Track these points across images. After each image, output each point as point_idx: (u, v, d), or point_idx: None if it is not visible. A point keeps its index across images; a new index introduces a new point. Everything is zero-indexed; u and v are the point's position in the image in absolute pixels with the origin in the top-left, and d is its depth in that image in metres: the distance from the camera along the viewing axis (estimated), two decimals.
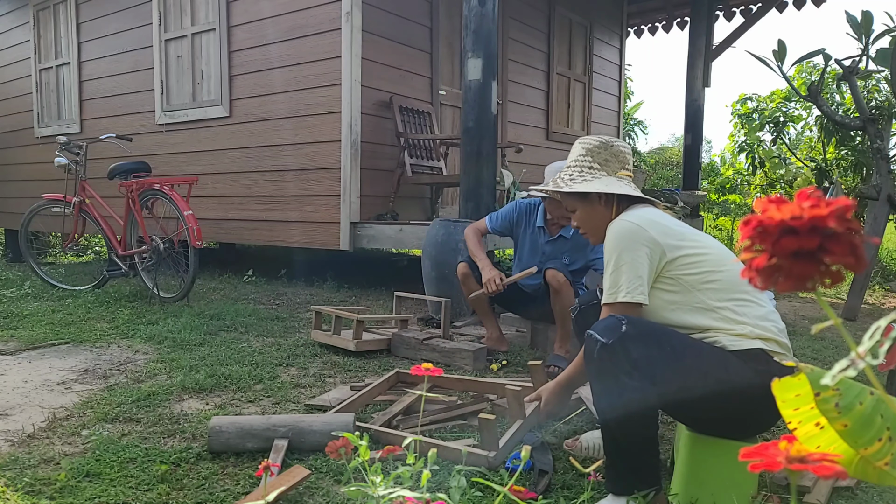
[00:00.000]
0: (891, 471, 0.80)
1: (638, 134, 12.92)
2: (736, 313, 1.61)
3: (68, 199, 4.86)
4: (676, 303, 1.66)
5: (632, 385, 1.50)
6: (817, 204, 0.51)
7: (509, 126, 6.72)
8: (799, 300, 5.30)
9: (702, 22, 7.53)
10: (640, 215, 1.72)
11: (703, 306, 1.63)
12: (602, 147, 1.85)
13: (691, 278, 1.65)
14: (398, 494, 1.09)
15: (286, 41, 5.14)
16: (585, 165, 1.84)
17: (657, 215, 1.74)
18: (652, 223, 1.69)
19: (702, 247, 1.69)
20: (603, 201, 1.82)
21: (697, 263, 1.65)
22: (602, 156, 1.84)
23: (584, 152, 1.86)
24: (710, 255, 1.68)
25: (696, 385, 1.53)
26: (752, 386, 1.51)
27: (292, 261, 5.89)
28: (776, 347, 1.60)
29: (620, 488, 1.58)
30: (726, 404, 1.56)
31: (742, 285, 1.66)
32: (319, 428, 1.97)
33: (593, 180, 1.81)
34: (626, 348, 1.51)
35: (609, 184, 1.79)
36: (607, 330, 1.55)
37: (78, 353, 3.17)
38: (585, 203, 1.84)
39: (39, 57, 7.24)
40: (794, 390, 0.80)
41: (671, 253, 1.66)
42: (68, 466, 1.84)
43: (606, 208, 1.82)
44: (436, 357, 3.05)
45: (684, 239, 1.69)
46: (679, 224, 1.77)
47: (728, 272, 1.66)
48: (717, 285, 1.64)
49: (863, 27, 4.40)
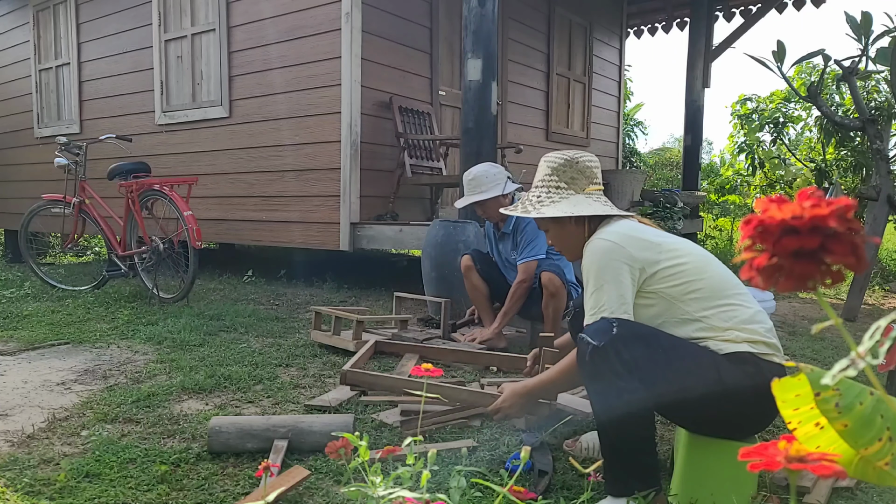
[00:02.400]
0: (891, 471, 0.80)
1: (638, 134, 12.92)
2: (721, 319, 1.61)
3: (68, 200, 4.86)
4: (660, 316, 1.66)
5: (624, 386, 1.51)
6: (818, 203, 0.51)
7: (509, 127, 6.72)
8: (799, 300, 5.30)
9: (701, 22, 7.53)
10: (615, 232, 1.70)
11: (687, 317, 1.63)
12: (567, 165, 1.81)
13: (673, 290, 1.64)
14: (398, 495, 1.09)
15: (286, 42, 5.14)
16: (552, 185, 1.81)
17: (633, 229, 1.72)
18: (628, 238, 1.67)
19: (680, 256, 1.68)
20: (574, 221, 1.79)
21: (678, 275, 1.65)
22: (568, 174, 1.80)
23: (549, 171, 1.82)
24: (689, 264, 1.67)
25: (688, 386, 1.54)
26: (742, 387, 1.52)
27: (292, 261, 5.89)
28: (764, 349, 1.60)
29: (619, 490, 1.58)
30: (718, 405, 1.57)
31: (726, 290, 1.66)
32: (319, 428, 1.97)
33: (561, 201, 1.78)
34: (617, 350, 1.52)
35: (577, 203, 1.77)
36: (598, 332, 1.56)
37: (78, 354, 3.17)
38: (556, 224, 1.82)
39: (39, 57, 7.24)
40: (794, 390, 0.80)
41: (650, 268, 1.65)
42: (68, 467, 1.84)
43: (578, 227, 1.80)
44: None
45: (662, 250, 1.68)
46: (657, 234, 1.76)
47: (709, 278, 1.66)
48: (700, 294, 1.63)
49: (862, 28, 4.41)
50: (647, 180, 9.77)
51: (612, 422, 1.56)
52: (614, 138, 8.85)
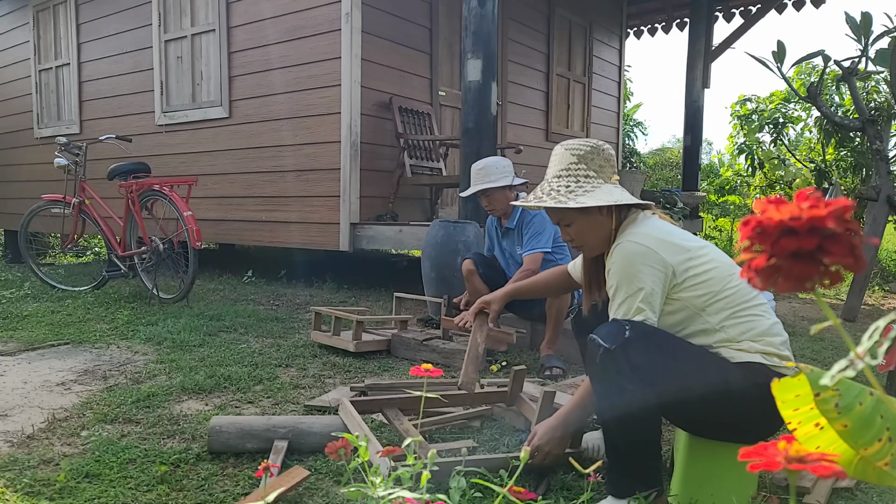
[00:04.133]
0: (890, 471, 0.80)
1: (637, 135, 12.92)
2: (739, 331, 1.58)
3: (68, 200, 4.86)
4: (681, 324, 1.63)
5: (633, 390, 1.50)
6: (816, 204, 0.51)
7: (509, 127, 6.72)
8: (798, 301, 5.30)
9: (701, 23, 7.53)
10: (646, 234, 1.63)
11: (707, 327, 1.60)
12: (594, 152, 1.70)
13: (697, 301, 1.60)
14: (398, 495, 1.09)
15: (286, 42, 5.14)
16: (581, 174, 1.69)
17: (663, 231, 1.66)
18: (660, 242, 1.61)
19: (708, 262, 1.63)
20: (605, 212, 1.69)
21: (704, 283, 1.60)
22: (596, 162, 1.70)
23: (575, 160, 1.70)
24: (715, 270, 1.62)
25: (696, 393, 1.52)
26: (750, 397, 1.49)
27: (292, 261, 5.88)
28: (777, 361, 1.57)
29: (620, 490, 1.57)
30: (725, 413, 1.56)
31: (748, 300, 1.61)
32: (319, 429, 1.97)
33: (594, 191, 1.66)
34: (628, 354, 1.50)
35: (612, 193, 1.67)
36: (610, 335, 1.53)
37: (77, 354, 3.17)
38: (585, 216, 1.69)
39: (39, 58, 7.24)
40: (793, 390, 0.80)
41: (681, 275, 1.60)
42: (68, 467, 1.84)
43: (607, 218, 1.70)
44: (435, 358, 3.04)
45: (692, 256, 1.63)
46: (682, 234, 1.70)
47: (734, 287, 1.61)
48: (723, 304, 1.59)
49: (862, 28, 4.41)
50: (647, 181, 9.77)
51: (618, 424, 1.54)
52: (614, 139, 8.85)
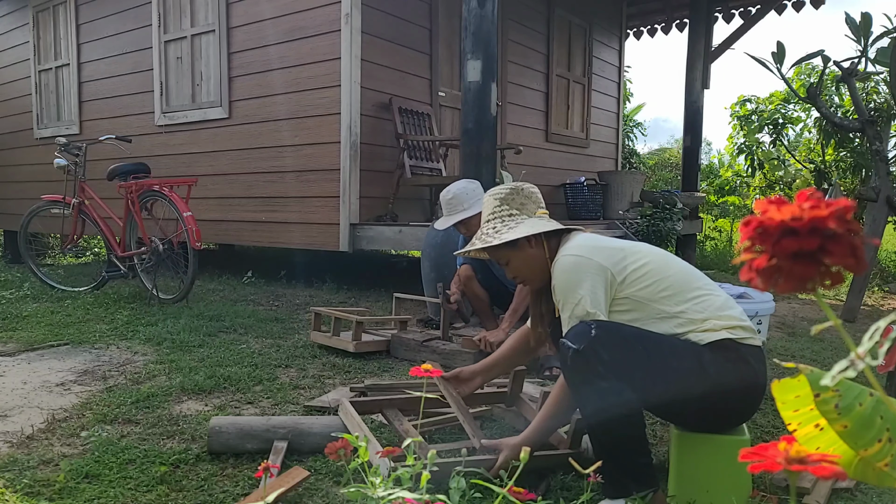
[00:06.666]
0: (890, 472, 0.80)
1: (637, 136, 12.91)
2: (697, 311, 1.64)
3: (67, 201, 4.86)
4: (637, 319, 1.67)
5: (608, 387, 1.54)
6: (817, 205, 0.51)
7: (508, 127, 6.72)
8: (798, 301, 5.30)
9: (701, 24, 7.53)
10: (579, 245, 1.73)
11: (663, 315, 1.65)
12: (514, 192, 1.84)
13: (644, 293, 1.66)
14: (398, 495, 1.09)
15: (286, 42, 5.14)
16: (505, 214, 1.82)
17: (594, 239, 1.76)
18: (594, 249, 1.70)
19: (642, 258, 1.71)
20: (533, 243, 1.79)
21: (645, 276, 1.67)
22: (517, 200, 1.83)
23: (498, 203, 1.84)
24: (651, 264, 1.70)
25: (671, 380, 1.56)
26: (726, 374, 1.55)
27: (292, 262, 5.88)
28: (742, 333, 1.63)
29: (616, 491, 1.58)
30: (704, 396, 1.58)
31: (693, 282, 1.69)
32: (319, 430, 1.97)
33: (517, 226, 1.79)
34: (597, 351, 1.54)
35: (534, 224, 1.79)
36: (578, 336, 1.58)
37: (77, 355, 3.16)
38: (516, 250, 1.80)
39: (39, 58, 7.24)
40: (793, 391, 0.80)
41: (619, 274, 1.68)
42: (67, 468, 1.84)
43: (538, 249, 1.80)
44: (435, 358, 3.04)
45: (626, 255, 1.72)
46: (614, 241, 1.80)
47: (674, 274, 1.69)
48: (670, 290, 1.66)
49: (861, 29, 4.41)
50: (647, 181, 9.77)
51: (601, 424, 1.57)
52: (614, 139, 8.85)
